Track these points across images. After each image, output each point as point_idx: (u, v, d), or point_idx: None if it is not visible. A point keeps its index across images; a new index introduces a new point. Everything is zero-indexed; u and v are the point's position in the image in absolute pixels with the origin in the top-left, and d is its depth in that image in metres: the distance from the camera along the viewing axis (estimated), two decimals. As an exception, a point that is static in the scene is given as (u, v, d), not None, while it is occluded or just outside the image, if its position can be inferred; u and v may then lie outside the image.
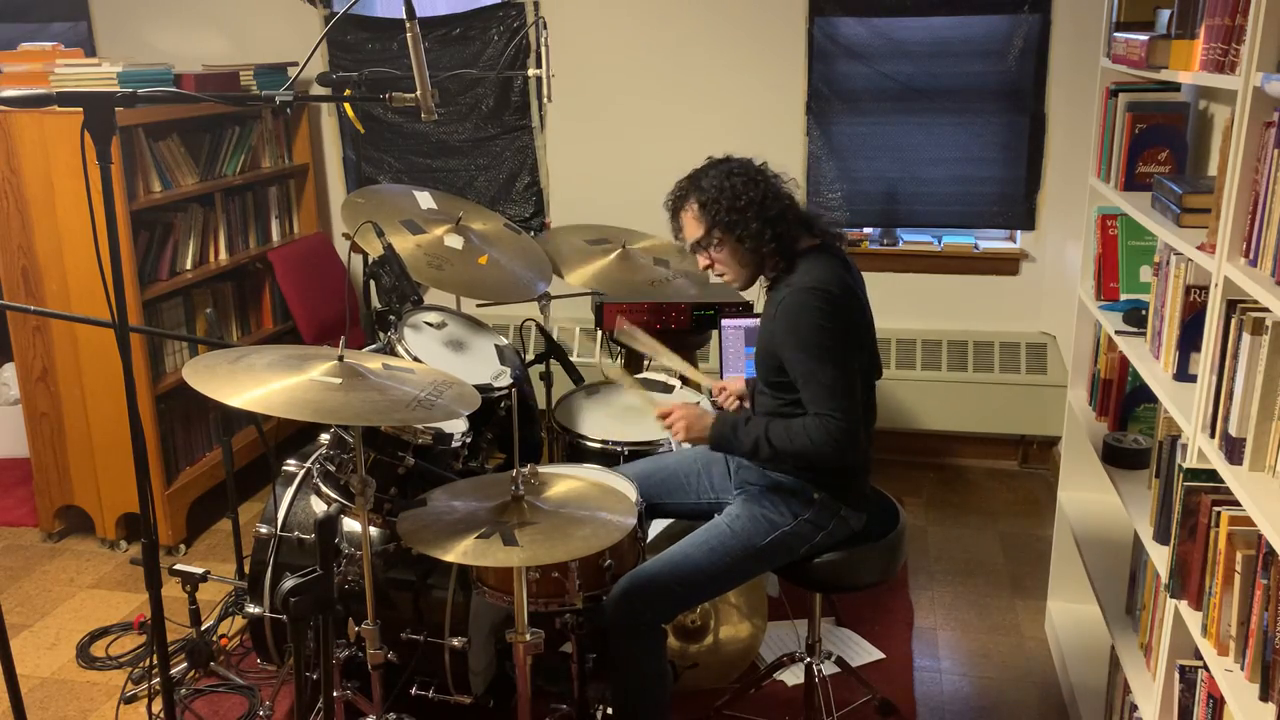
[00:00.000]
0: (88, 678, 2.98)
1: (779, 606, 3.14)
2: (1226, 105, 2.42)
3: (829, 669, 2.64)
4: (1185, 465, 1.85)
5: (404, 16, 2.06)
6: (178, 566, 2.80)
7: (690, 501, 2.52)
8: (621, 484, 2.42)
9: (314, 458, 2.59)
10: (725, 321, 3.32)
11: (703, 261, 2.36)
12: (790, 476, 2.33)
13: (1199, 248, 1.91)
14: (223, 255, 3.97)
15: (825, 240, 2.33)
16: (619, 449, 2.76)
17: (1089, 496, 3.00)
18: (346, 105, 4.08)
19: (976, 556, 3.61)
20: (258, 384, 2.00)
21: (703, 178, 2.31)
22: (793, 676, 2.87)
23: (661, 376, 3.14)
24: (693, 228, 2.33)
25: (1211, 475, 1.78)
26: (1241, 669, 1.67)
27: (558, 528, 2.06)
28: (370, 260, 2.76)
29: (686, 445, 2.51)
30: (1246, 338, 1.65)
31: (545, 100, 3.67)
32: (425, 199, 3.15)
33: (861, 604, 3.25)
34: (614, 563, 2.26)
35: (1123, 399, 2.63)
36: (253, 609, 2.57)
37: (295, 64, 4.32)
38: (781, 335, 2.21)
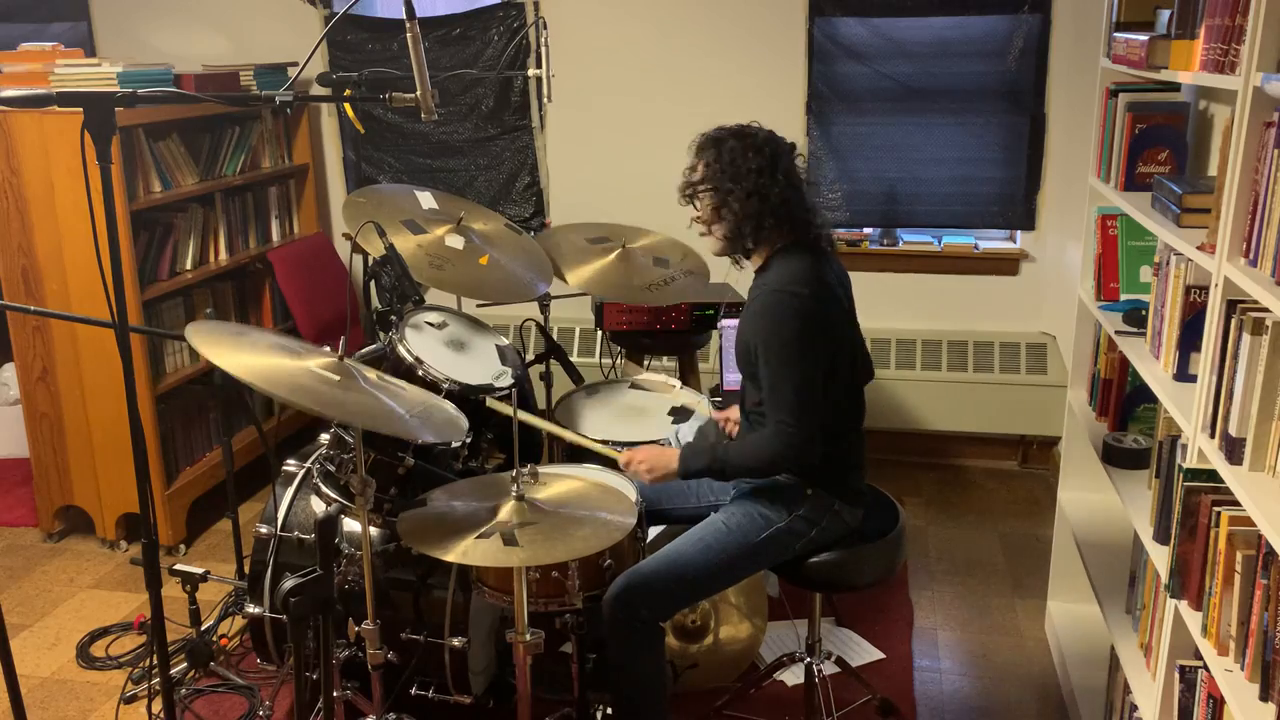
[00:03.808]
0: (88, 678, 2.98)
1: (779, 606, 3.14)
2: (1226, 105, 2.42)
3: (829, 669, 2.64)
4: (1185, 465, 1.85)
5: (404, 16, 2.06)
6: (178, 566, 2.80)
7: (690, 506, 2.52)
8: (621, 484, 2.42)
9: (314, 458, 2.59)
10: (725, 322, 3.32)
11: (691, 212, 2.37)
12: (785, 472, 2.33)
13: (1199, 248, 1.91)
14: (223, 255, 3.97)
15: (807, 237, 2.30)
16: (619, 449, 2.75)
17: (1089, 496, 3.00)
18: (346, 105, 4.07)
19: (976, 556, 3.61)
20: (258, 356, 2.01)
21: (727, 141, 2.30)
22: (793, 676, 2.87)
23: (662, 377, 3.15)
24: (694, 174, 2.34)
25: (1211, 475, 1.78)
26: (1241, 669, 1.67)
27: (558, 528, 2.06)
28: (371, 260, 2.76)
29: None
30: (1246, 338, 1.65)
31: (545, 100, 3.67)
32: (426, 199, 3.15)
33: (861, 604, 3.25)
34: (614, 563, 2.26)
35: (1123, 399, 2.63)
36: (253, 609, 2.57)
37: (295, 64, 4.32)
38: (752, 335, 2.24)
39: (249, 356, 2.01)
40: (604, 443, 2.58)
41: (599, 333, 3.60)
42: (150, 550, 1.94)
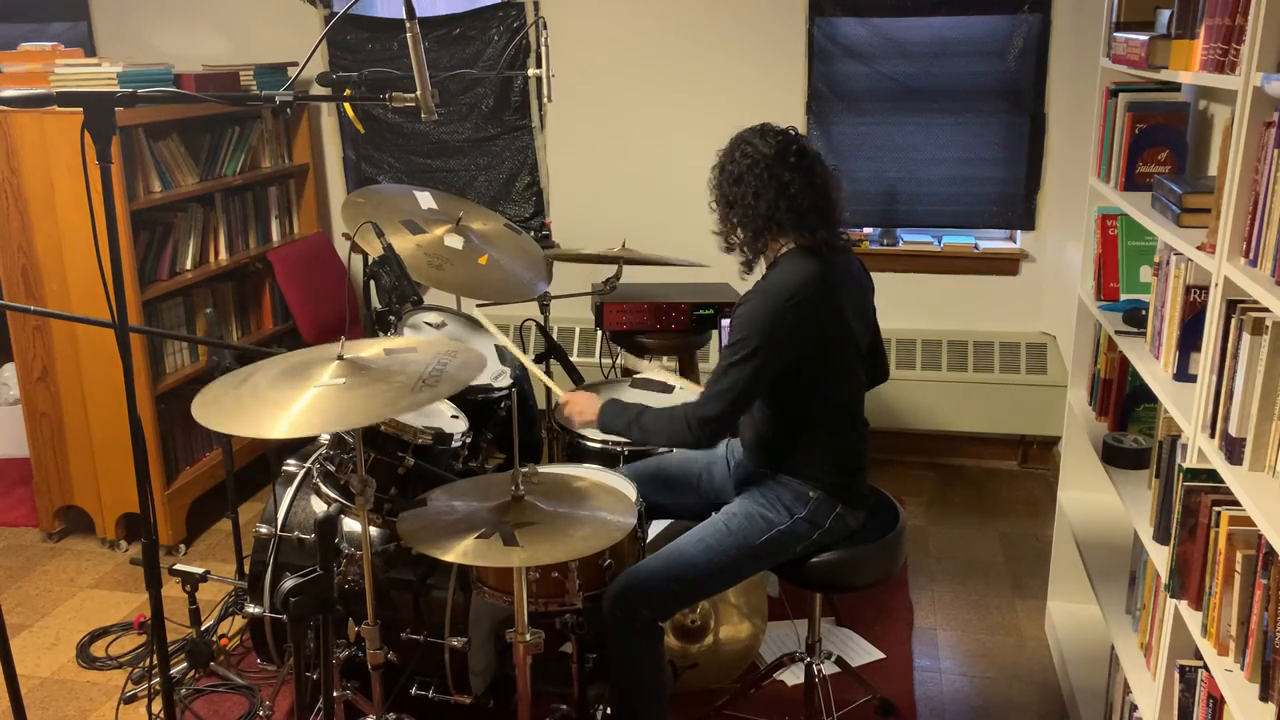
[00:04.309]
0: (88, 678, 2.98)
1: (779, 606, 3.14)
2: (1226, 105, 2.42)
3: (829, 669, 2.64)
4: (1185, 465, 1.85)
5: (404, 16, 2.06)
6: (178, 566, 2.80)
7: (691, 501, 2.52)
8: (621, 484, 2.42)
9: (314, 458, 2.59)
10: (725, 321, 3.32)
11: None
12: (787, 475, 2.33)
13: (1199, 248, 1.91)
14: (223, 255, 3.97)
15: (811, 242, 2.27)
16: (619, 449, 2.75)
17: (1089, 496, 3.00)
18: (346, 105, 4.08)
19: (976, 556, 3.61)
20: (265, 408, 1.95)
21: (729, 145, 2.31)
22: (793, 676, 2.87)
23: (661, 376, 3.14)
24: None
25: (1211, 475, 1.78)
26: (1241, 669, 1.67)
27: (558, 528, 2.06)
28: (370, 260, 2.75)
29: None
30: (1246, 338, 1.65)
31: (545, 100, 3.68)
32: (426, 199, 3.15)
33: (861, 604, 3.25)
34: (614, 563, 2.26)
35: (1123, 399, 2.63)
36: (253, 609, 2.57)
37: (295, 64, 4.32)
38: (732, 323, 2.27)
39: (260, 411, 1.95)
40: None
41: (599, 333, 3.60)
42: (150, 550, 1.94)
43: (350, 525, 2.50)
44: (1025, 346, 4.18)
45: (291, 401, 1.96)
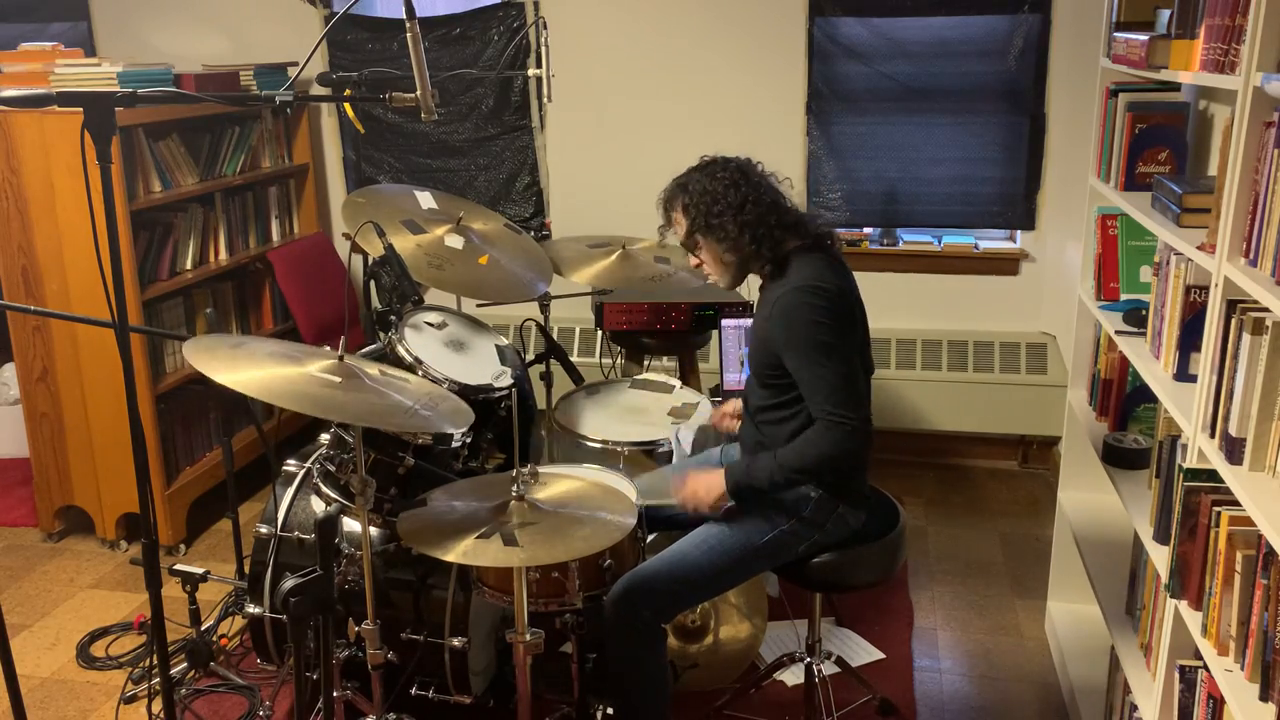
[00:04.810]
0: (88, 678, 2.98)
1: (779, 606, 3.14)
2: (1226, 105, 2.42)
3: (829, 669, 2.65)
4: (1185, 465, 1.85)
5: (404, 16, 2.06)
6: (178, 566, 2.80)
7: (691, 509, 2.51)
8: (621, 484, 2.42)
9: (314, 458, 2.59)
10: (725, 321, 3.32)
11: (692, 260, 2.40)
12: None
13: (1199, 248, 1.91)
14: (223, 255, 3.97)
15: (814, 240, 2.30)
16: (620, 449, 2.75)
17: (1089, 496, 3.00)
18: (346, 105, 4.07)
19: (976, 556, 3.61)
20: (258, 368, 2.01)
21: (689, 180, 2.33)
22: (793, 676, 2.87)
23: (661, 376, 3.15)
24: (678, 228, 2.37)
25: (1211, 475, 1.78)
26: (1241, 669, 1.67)
27: (558, 528, 2.06)
28: (371, 260, 2.76)
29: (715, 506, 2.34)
30: (1246, 338, 1.65)
31: (545, 100, 3.67)
32: (426, 199, 3.15)
33: (861, 604, 3.25)
34: (614, 563, 2.26)
35: (1123, 399, 2.63)
36: (253, 609, 2.57)
37: (295, 64, 4.32)
38: (781, 336, 2.20)
39: (249, 369, 2.00)
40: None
41: (599, 333, 3.60)
42: (150, 550, 1.94)
43: (350, 525, 2.50)
44: (1025, 346, 4.18)
45: (284, 373, 2.02)
